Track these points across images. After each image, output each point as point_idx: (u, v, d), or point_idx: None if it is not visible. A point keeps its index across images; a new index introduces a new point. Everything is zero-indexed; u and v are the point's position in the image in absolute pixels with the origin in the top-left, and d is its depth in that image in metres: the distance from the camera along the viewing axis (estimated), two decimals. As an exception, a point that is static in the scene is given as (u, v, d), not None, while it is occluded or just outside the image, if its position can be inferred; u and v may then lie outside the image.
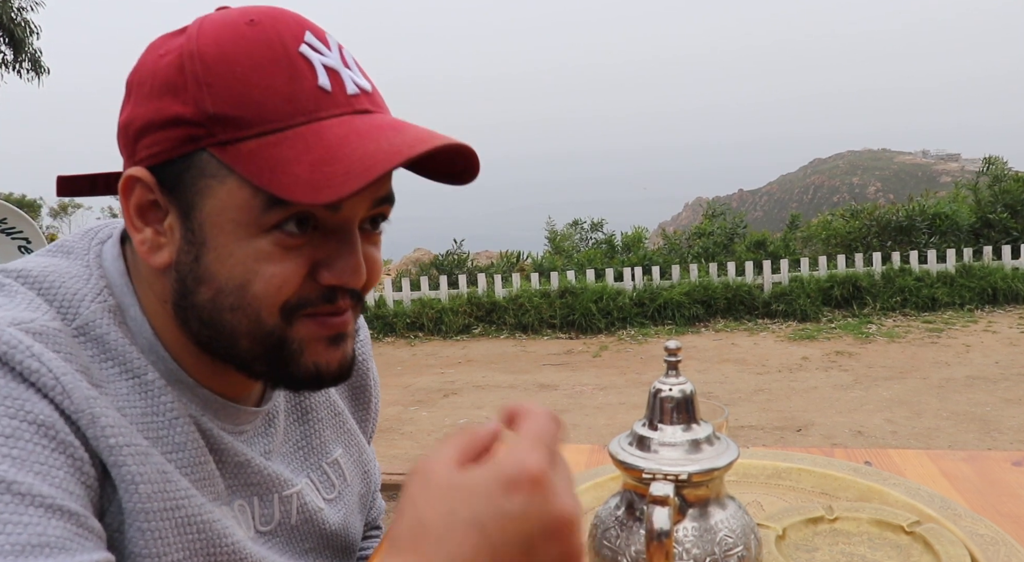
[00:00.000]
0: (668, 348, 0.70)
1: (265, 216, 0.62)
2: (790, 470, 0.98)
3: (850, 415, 5.03)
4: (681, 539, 0.65)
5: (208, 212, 0.63)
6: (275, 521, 0.78)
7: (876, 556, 0.79)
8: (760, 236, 9.99)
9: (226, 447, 0.73)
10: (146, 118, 0.64)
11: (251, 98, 0.61)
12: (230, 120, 0.61)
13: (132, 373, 0.67)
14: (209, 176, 0.63)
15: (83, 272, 0.70)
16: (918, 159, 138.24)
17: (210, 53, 0.62)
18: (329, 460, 0.87)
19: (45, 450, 0.58)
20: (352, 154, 0.60)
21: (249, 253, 0.63)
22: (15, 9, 11.91)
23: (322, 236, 0.66)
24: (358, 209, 0.66)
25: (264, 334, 0.66)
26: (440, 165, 0.70)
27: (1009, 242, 8.85)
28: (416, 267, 10.27)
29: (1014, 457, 1.03)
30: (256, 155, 0.61)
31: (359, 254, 0.66)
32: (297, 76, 0.62)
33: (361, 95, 0.66)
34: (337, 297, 0.67)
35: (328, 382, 0.71)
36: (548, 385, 6.17)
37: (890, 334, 7.31)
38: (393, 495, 3.92)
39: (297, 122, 0.62)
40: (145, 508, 0.63)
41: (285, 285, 0.64)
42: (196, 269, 0.65)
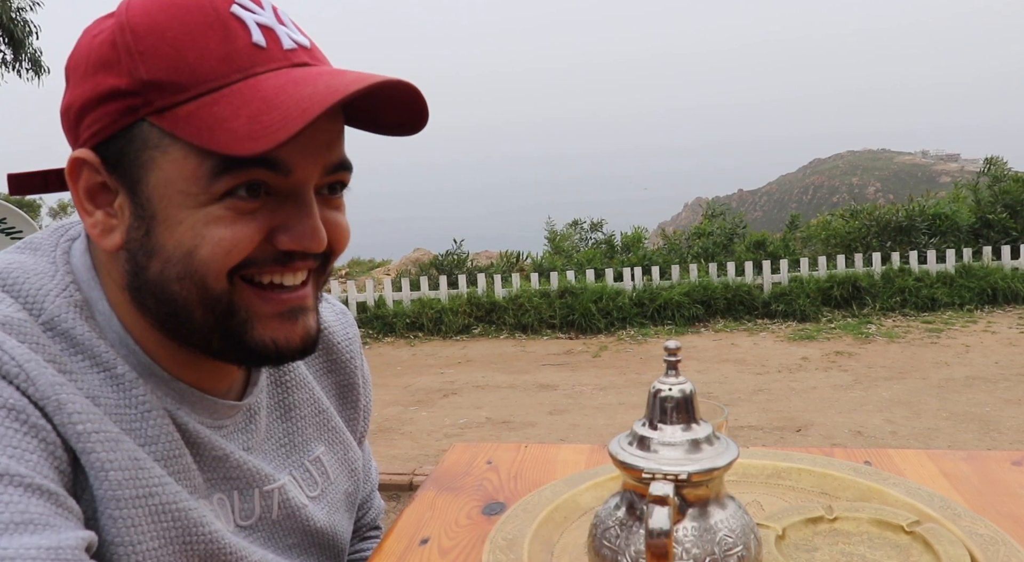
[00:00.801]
0: (668, 348, 0.70)
1: (214, 184, 0.62)
2: (790, 470, 0.98)
3: (850, 415, 5.03)
4: (681, 539, 0.65)
5: (155, 185, 0.63)
6: (256, 516, 0.78)
7: (876, 556, 0.79)
8: (760, 236, 9.99)
9: (203, 441, 0.73)
10: (84, 98, 0.64)
11: (185, 61, 0.61)
12: (166, 85, 0.61)
13: (102, 366, 0.66)
14: (152, 147, 0.62)
15: (49, 268, 0.69)
16: (918, 159, 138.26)
17: (141, 23, 0.62)
18: (311, 458, 0.87)
19: (17, 433, 0.58)
20: (288, 101, 0.60)
21: (199, 219, 0.63)
22: (14, 9, 11.91)
23: (277, 202, 0.65)
24: (310, 173, 0.66)
25: (212, 301, 0.65)
26: (389, 115, 0.70)
27: (1009, 242, 8.85)
28: (416, 267, 10.26)
29: (1014, 457, 1.03)
30: (194, 117, 0.61)
31: (316, 218, 0.66)
32: (230, 35, 0.62)
33: (299, 50, 0.66)
34: (293, 260, 0.67)
35: (290, 357, 0.71)
36: (548, 385, 6.17)
37: (890, 334, 7.31)
38: (393, 495, 3.93)
39: (233, 79, 0.61)
40: (116, 495, 0.63)
41: (235, 249, 0.64)
42: (147, 243, 0.65)
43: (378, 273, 10.61)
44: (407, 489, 3.52)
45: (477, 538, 0.88)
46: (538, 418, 5.29)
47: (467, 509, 0.96)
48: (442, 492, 1.01)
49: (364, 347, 8.02)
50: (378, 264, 11.94)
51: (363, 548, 1.07)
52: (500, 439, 4.86)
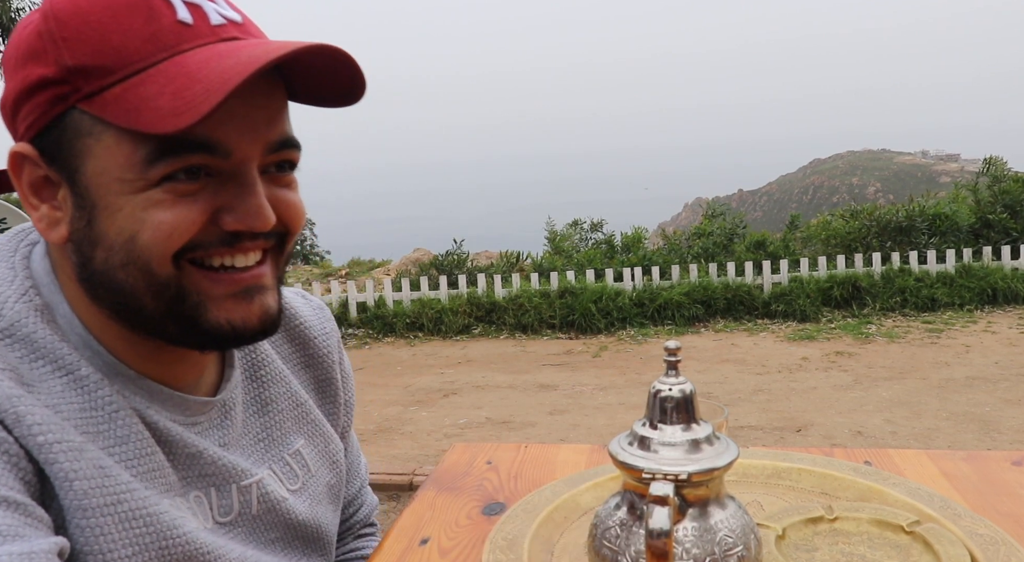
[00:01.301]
0: (668, 348, 0.70)
1: (151, 170, 0.61)
2: (790, 470, 0.98)
3: (850, 415, 5.03)
4: (681, 539, 0.65)
5: (92, 173, 0.63)
6: (235, 511, 0.77)
7: (876, 556, 0.79)
8: (760, 236, 9.99)
9: (175, 438, 0.72)
10: (17, 90, 0.64)
11: (110, 44, 0.60)
12: (92, 70, 0.60)
13: (65, 370, 0.66)
14: (85, 135, 0.62)
15: (7, 274, 0.69)
16: (918, 159, 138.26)
17: (64, 10, 0.62)
18: (291, 451, 0.86)
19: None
20: (210, 74, 0.59)
21: (138, 204, 0.62)
22: (13, 9, 11.91)
23: (219, 183, 0.65)
24: (251, 153, 0.65)
25: (160, 286, 0.65)
26: (329, 86, 0.69)
27: (1009, 242, 8.85)
28: (416, 267, 10.26)
29: (1014, 457, 1.03)
30: (121, 99, 0.60)
31: (260, 196, 0.65)
32: (154, 15, 0.62)
33: (228, 25, 0.65)
34: (241, 241, 0.66)
35: (250, 338, 0.70)
36: (548, 385, 6.17)
37: (890, 334, 7.31)
38: (393, 495, 3.92)
39: (159, 59, 0.61)
40: (83, 505, 0.63)
41: (176, 232, 0.63)
42: (90, 233, 0.64)
43: (378, 273, 10.61)
44: (407, 489, 3.51)
45: (477, 538, 0.88)
46: (538, 418, 5.29)
47: (467, 509, 0.96)
48: (442, 492, 1.01)
49: (364, 347, 7.95)
50: (378, 264, 11.94)
51: (359, 546, 1.06)
52: (500, 439, 4.86)
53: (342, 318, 8.33)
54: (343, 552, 1.04)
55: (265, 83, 0.66)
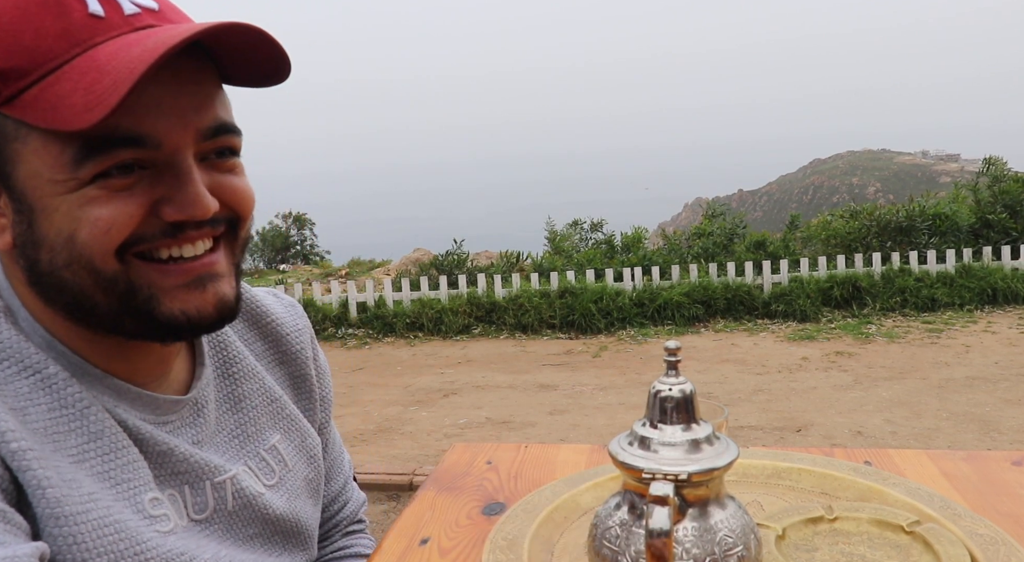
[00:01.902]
0: (668, 348, 0.70)
1: (81, 170, 0.61)
2: (790, 470, 0.98)
3: (850, 415, 5.03)
4: (681, 539, 0.65)
5: (24, 177, 0.62)
6: (210, 508, 0.77)
7: (876, 556, 0.79)
8: (760, 236, 9.99)
9: (145, 437, 0.72)
10: None
11: (22, 44, 0.60)
12: (8, 73, 0.60)
13: (31, 370, 0.65)
14: (12, 139, 0.62)
15: None
16: (918, 159, 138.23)
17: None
18: (267, 447, 0.86)
19: None
20: (118, 65, 0.58)
21: (73, 203, 0.62)
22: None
23: (155, 175, 0.64)
24: (181, 141, 0.64)
25: (107, 282, 0.64)
26: (252, 65, 0.67)
27: (1009, 242, 8.85)
28: (416, 267, 10.26)
29: (1014, 457, 1.03)
30: (39, 99, 0.60)
31: (197, 184, 0.65)
32: (65, 10, 0.61)
33: (143, 13, 0.64)
34: (185, 230, 0.66)
35: (207, 327, 0.69)
36: (548, 385, 6.17)
37: (890, 334, 7.31)
38: (393, 495, 3.92)
39: (72, 55, 0.60)
40: (55, 513, 0.62)
41: (114, 227, 0.62)
42: (32, 236, 0.64)
43: (378, 273, 10.61)
44: (407, 489, 3.51)
45: (477, 538, 0.88)
46: (538, 418, 5.29)
47: (467, 509, 0.96)
48: (442, 492, 1.01)
49: (364, 347, 7.94)
50: (378, 264, 11.94)
51: (348, 544, 1.05)
52: (500, 439, 4.86)
53: (342, 318, 8.33)
54: (332, 550, 1.04)
55: (191, 68, 0.64)
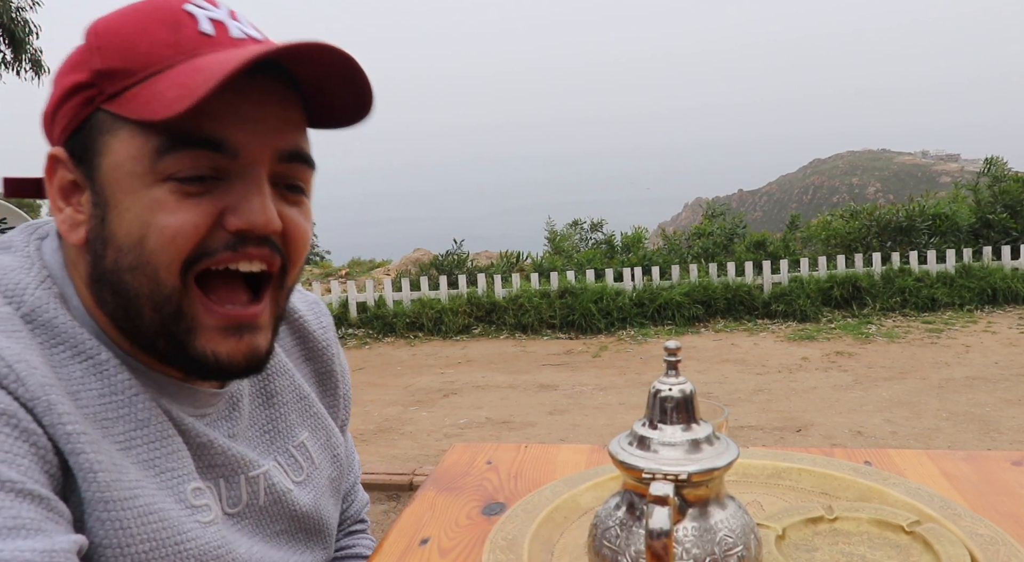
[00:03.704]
0: (668, 348, 0.70)
1: (159, 163, 0.63)
2: (790, 470, 0.98)
3: (850, 415, 5.03)
4: (681, 539, 0.65)
5: (107, 169, 0.65)
6: (243, 502, 0.78)
7: (876, 556, 0.79)
8: (760, 236, 9.99)
9: (187, 428, 0.73)
10: (55, 98, 0.68)
11: (135, 50, 0.64)
12: (116, 72, 0.64)
13: (84, 355, 0.67)
14: (105, 132, 0.65)
15: (24, 263, 0.70)
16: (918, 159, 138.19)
17: (102, 25, 0.67)
18: (295, 443, 0.87)
19: (8, 438, 0.58)
20: (214, 67, 0.61)
21: (145, 205, 0.64)
22: (14, 9, 11.89)
23: (226, 186, 0.66)
24: (259, 156, 0.66)
25: (163, 298, 0.65)
26: (336, 102, 0.70)
27: (1009, 242, 8.85)
28: (416, 267, 10.26)
29: (1014, 457, 1.03)
30: (138, 96, 0.63)
31: (266, 197, 0.66)
32: (178, 27, 0.65)
33: (247, 39, 0.68)
34: (246, 244, 0.67)
35: (234, 373, 0.71)
36: (548, 385, 6.17)
37: (890, 334, 7.31)
38: (393, 495, 3.92)
39: (177, 61, 0.64)
40: (104, 497, 0.63)
41: (180, 236, 0.64)
42: (102, 232, 0.66)
43: (378, 273, 10.61)
44: (407, 489, 3.51)
45: (477, 538, 0.88)
46: (538, 418, 5.29)
47: (467, 509, 0.96)
48: (442, 492, 1.01)
49: (364, 347, 7.96)
50: (378, 264, 11.94)
51: (349, 544, 1.06)
52: (500, 439, 4.86)
53: (342, 318, 8.33)
54: (335, 549, 1.05)
55: (279, 92, 0.68)
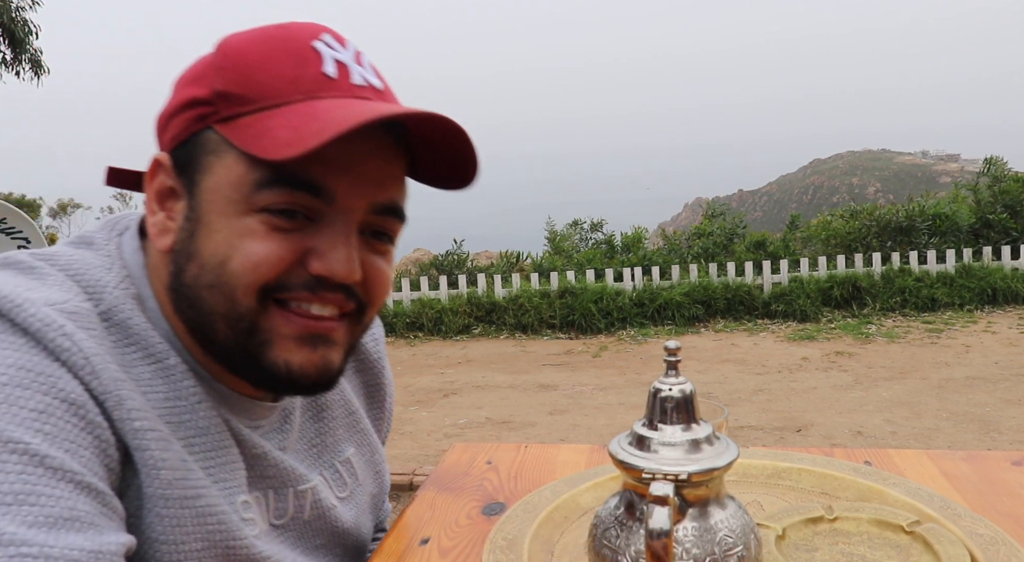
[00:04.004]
0: (668, 348, 0.70)
1: (256, 195, 0.64)
2: (790, 470, 0.98)
3: (850, 415, 5.03)
4: (681, 539, 0.65)
5: (206, 188, 0.66)
6: (288, 515, 0.79)
7: (876, 556, 0.79)
8: (760, 236, 9.99)
9: (245, 438, 0.74)
10: (171, 106, 0.69)
11: (256, 78, 0.65)
12: (234, 97, 0.65)
13: (154, 358, 0.68)
14: (211, 152, 0.66)
15: (105, 261, 0.71)
16: (918, 159, 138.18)
17: (231, 46, 0.68)
18: (342, 459, 0.88)
19: (75, 429, 0.59)
20: (331, 116, 0.62)
21: (235, 229, 0.65)
22: (14, 9, 11.89)
23: (316, 227, 0.66)
24: (354, 205, 0.67)
25: (237, 316, 0.66)
26: (440, 163, 0.72)
27: (1009, 242, 8.85)
28: (416, 267, 10.26)
29: (1014, 457, 1.03)
30: (250, 126, 0.64)
31: (351, 247, 0.67)
32: (303, 63, 0.66)
33: (367, 88, 0.69)
34: (323, 288, 0.67)
35: (303, 387, 0.70)
36: (548, 385, 6.17)
37: (890, 334, 7.31)
38: (393, 495, 3.91)
39: (295, 99, 0.65)
40: (165, 494, 0.64)
41: (263, 265, 0.65)
42: (188, 246, 0.67)
43: (378, 273, 10.59)
44: (407, 489, 3.51)
45: (477, 538, 0.88)
46: (538, 418, 5.29)
47: (467, 509, 0.96)
48: (442, 492, 1.01)
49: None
50: (378, 264, 11.92)
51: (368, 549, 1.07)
52: (500, 439, 4.86)
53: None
54: None
55: (387, 147, 0.69)
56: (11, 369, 0.58)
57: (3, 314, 0.61)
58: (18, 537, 0.51)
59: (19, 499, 0.53)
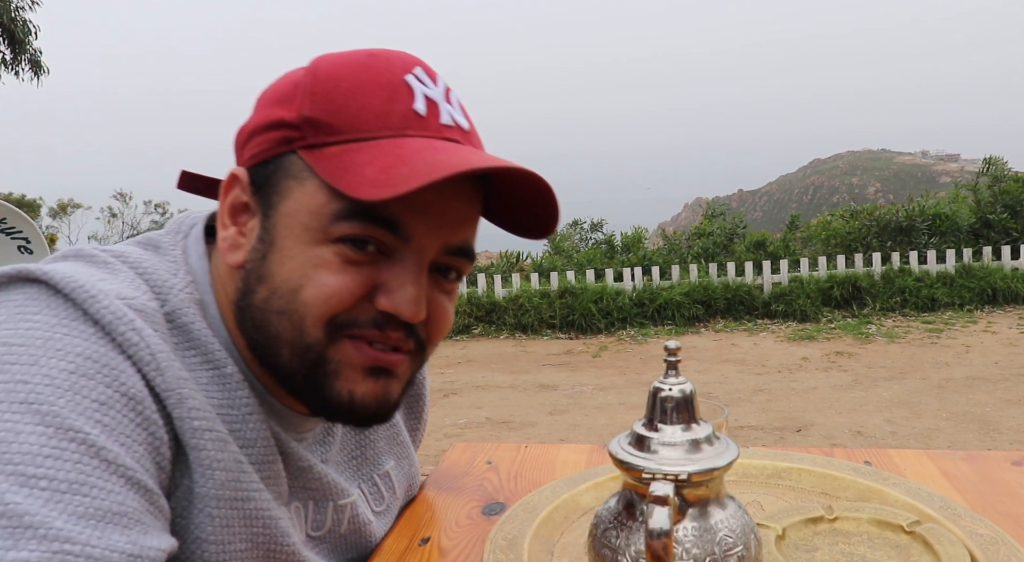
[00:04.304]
0: (668, 348, 0.70)
1: (334, 226, 0.64)
2: (790, 470, 0.98)
3: (850, 415, 5.03)
4: (681, 539, 0.65)
5: (283, 212, 0.66)
6: (325, 528, 0.80)
7: (876, 556, 0.79)
8: (760, 236, 9.99)
9: (291, 451, 0.74)
10: (256, 123, 0.69)
11: (347, 108, 0.65)
12: (322, 125, 0.65)
13: (212, 364, 0.68)
14: (292, 177, 0.66)
15: (171, 266, 0.72)
16: (918, 159, 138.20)
17: (323, 70, 0.68)
18: (381, 472, 0.89)
19: (131, 424, 0.59)
20: (421, 161, 0.62)
21: (310, 258, 0.65)
22: (13, 9, 11.88)
23: (388, 262, 0.67)
24: (428, 245, 0.67)
25: (305, 346, 0.66)
26: (518, 211, 0.72)
27: (1009, 242, 8.85)
28: (416, 267, 10.26)
29: (1014, 457, 1.03)
30: (336, 158, 0.64)
31: (420, 287, 0.67)
32: (395, 98, 0.66)
33: (454, 128, 0.69)
34: (388, 325, 0.67)
35: (363, 417, 0.70)
36: (548, 385, 6.17)
37: (890, 334, 7.31)
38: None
39: (383, 135, 0.65)
40: (217, 495, 0.65)
41: (335, 297, 0.65)
42: (260, 268, 0.67)
43: (378, 273, 10.61)
44: (407, 489, 3.51)
45: (477, 538, 0.88)
46: (538, 418, 5.29)
47: (467, 509, 0.96)
48: (442, 492, 1.01)
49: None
50: (378, 264, 11.93)
51: None
52: (500, 439, 4.86)
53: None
54: None
55: (468, 190, 0.69)
56: (79, 358, 0.59)
57: (77, 303, 0.61)
58: (63, 533, 0.51)
59: (72, 488, 0.54)
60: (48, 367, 0.57)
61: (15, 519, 0.50)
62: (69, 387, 0.57)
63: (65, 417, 0.55)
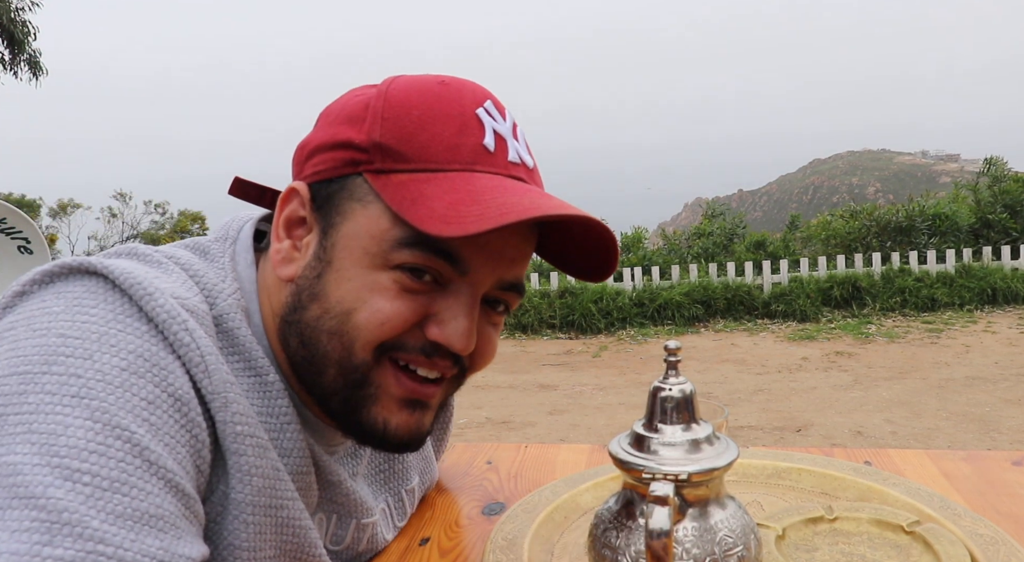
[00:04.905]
0: (668, 348, 0.70)
1: (394, 253, 0.64)
2: (790, 470, 0.98)
3: (850, 415, 5.03)
4: (681, 539, 0.65)
5: (344, 234, 0.66)
6: (344, 543, 0.80)
7: (876, 556, 0.79)
8: (760, 236, 10.00)
9: (323, 463, 0.75)
10: (321, 140, 0.69)
11: (417, 138, 0.65)
12: (392, 151, 0.65)
13: (255, 371, 0.68)
14: (356, 200, 0.66)
15: (220, 273, 0.72)
16: (918, 159, 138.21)
17: (396, 96, 0.68)
18: (408, 487, 0.90)
19: (176, 425, 0.59)
20: (492, 201, 0.63)
21: (367, 282, 0.65)
22: (13, 10, 11.89)
23: (443, 292, 0.67)
24: (484, 279, 0.68)
25: (351, 367, 0.66)
26: (577, 255, 0.73)
27: (1008, 242, 8.85)
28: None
29: (1014, 457, 1.03)
30: (404, 187, 0.64)
31: (472, 320, 0.68)
32: (465, 131, 0.66)
33: (520, 165, 0.70)
34: (436, 354, 0.68)
35: (393, 445, 0.71)
36: (548, 385, 6.17)
37: (890, 334, 7.31)
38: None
39: (452, 168, 0.65)
40: (254, 501, 0.65)
41: (388, 324, 0.65)
42: (314, 286, 0.67)
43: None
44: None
45: (477, 538, 0.88)
46: (538, 418, 5.29)
47: (467, 509, 0.96)
48: (442, 492, 1.01)
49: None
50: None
51: None
52: (500, 439, 4.86)
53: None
54: None
55: (526, 228, 0.70)
56: (130, 355, 0.58)
57: (134, 300, 0.61)
58: (98, 533, 0.51)
59: (113, 487, 0.53)
60: (101, 363, 0.57)
61: (55, 514, 0.50)
62: (120, 384, 0.57)
63: (114, 414, 0.55)
